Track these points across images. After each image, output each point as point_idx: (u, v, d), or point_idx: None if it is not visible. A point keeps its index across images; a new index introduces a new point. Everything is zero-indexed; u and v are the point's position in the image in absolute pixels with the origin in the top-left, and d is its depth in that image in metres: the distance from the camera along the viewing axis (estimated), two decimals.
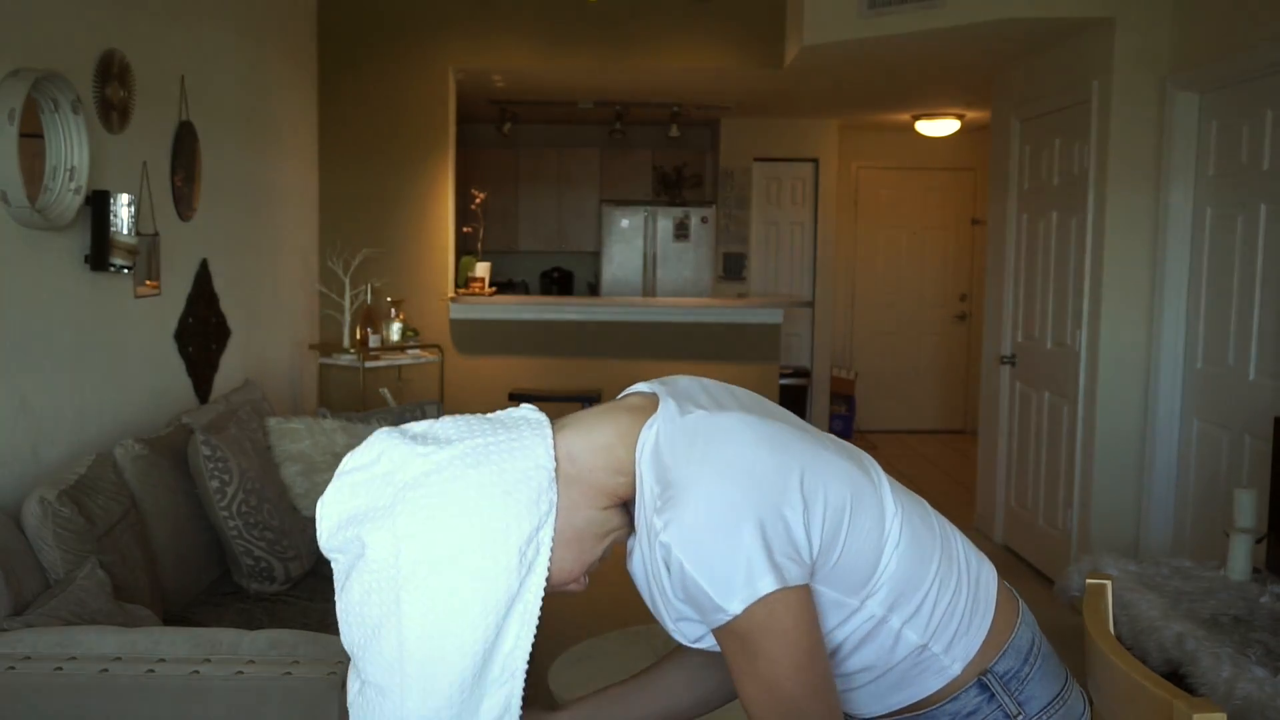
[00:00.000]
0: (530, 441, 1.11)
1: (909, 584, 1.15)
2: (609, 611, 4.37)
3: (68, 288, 2.95)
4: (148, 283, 3.40)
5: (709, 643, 1.15)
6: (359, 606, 1.08)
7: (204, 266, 3.87)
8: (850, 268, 8.90)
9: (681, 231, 8.37)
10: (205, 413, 3.42)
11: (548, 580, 1.11)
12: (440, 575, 1.05)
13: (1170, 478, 4.40)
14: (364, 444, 1.11)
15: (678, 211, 8.43)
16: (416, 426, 1.13)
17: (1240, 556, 3.14)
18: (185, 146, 3.67)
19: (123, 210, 3.07)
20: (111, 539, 2.57)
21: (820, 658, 1.07)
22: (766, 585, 1.03)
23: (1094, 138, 4.58)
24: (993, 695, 1.17)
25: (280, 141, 4.88)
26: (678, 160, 8.91)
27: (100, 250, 3.00)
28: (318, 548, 3.38)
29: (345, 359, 5.28)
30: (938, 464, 7.72)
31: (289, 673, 2.01)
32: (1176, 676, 2.67)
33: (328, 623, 2.85)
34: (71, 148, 2.81)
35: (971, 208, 8.90)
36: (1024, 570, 5.18)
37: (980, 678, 1.17)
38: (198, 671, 2.01)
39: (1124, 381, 4.51)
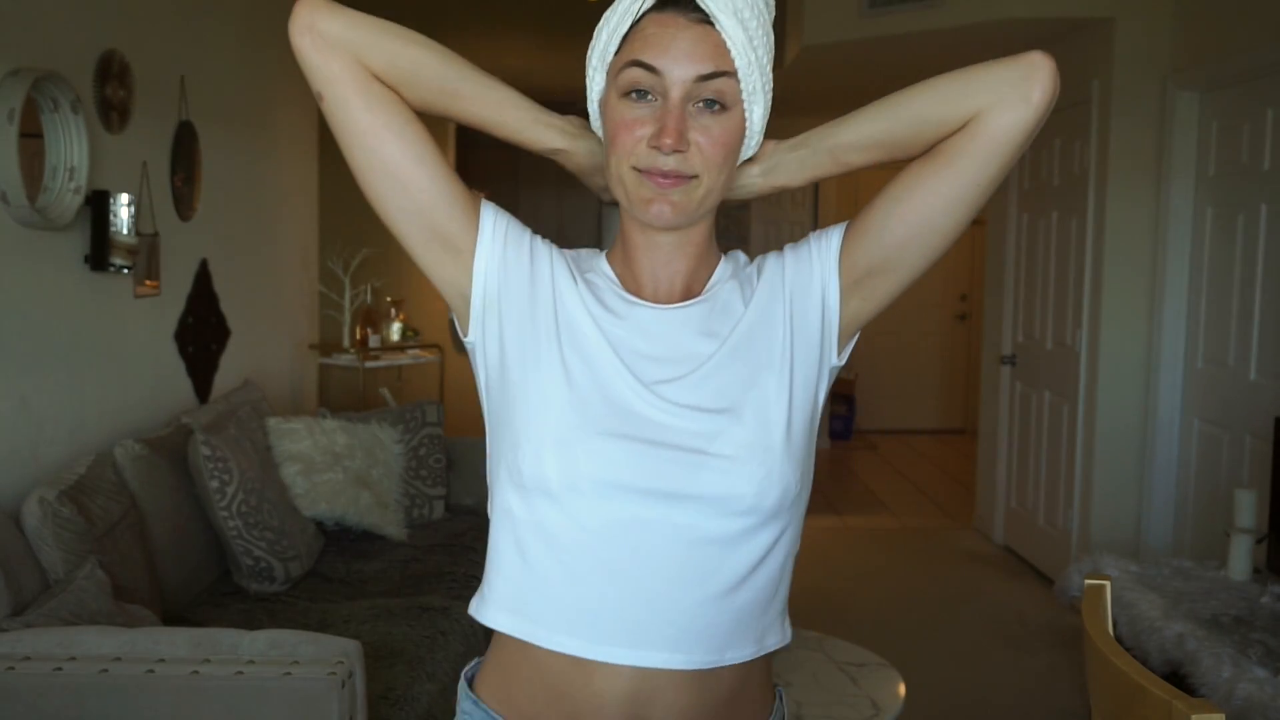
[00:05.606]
0: None
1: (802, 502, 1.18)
2: None
3: (67, 288, 2.95)
4: (147, 283, 3.39)
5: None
6: None
7: (204, 266, 3.86)
8: None
9: None
10: (205, 413, 3.42)
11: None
12: None
13: (1170, 478, 4.40)
14: None
15: None
16: None
17: (1240, 556, 3.14)
18: (185, 146, 3.66)
19: (122, 210, 3.07)
20: (111, 539, 2.57)
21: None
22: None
23: (1094, 138, 4.58)
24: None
25: (280, 141, 4.87)
26: None
27: (100, 250, 3.00)
28: (318, 548, 3.40)
29: (345, 359, 5.28)
30: (938, 464, 7.72)
31: (289, 673, 2.01)
32: (1177, 677, 2.68)
33: (328, 622, 2.85)
34: (71, 147, 2.81)
35: None
36: (1024, 570, 5.18)
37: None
38: (197, 671, 2.01)
39: (1124, 381, 4.51)
